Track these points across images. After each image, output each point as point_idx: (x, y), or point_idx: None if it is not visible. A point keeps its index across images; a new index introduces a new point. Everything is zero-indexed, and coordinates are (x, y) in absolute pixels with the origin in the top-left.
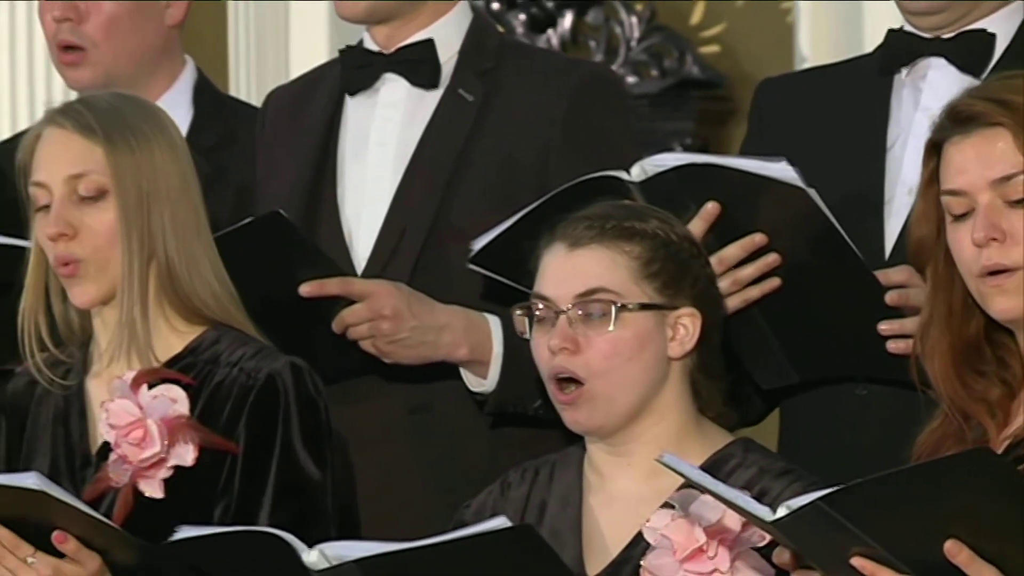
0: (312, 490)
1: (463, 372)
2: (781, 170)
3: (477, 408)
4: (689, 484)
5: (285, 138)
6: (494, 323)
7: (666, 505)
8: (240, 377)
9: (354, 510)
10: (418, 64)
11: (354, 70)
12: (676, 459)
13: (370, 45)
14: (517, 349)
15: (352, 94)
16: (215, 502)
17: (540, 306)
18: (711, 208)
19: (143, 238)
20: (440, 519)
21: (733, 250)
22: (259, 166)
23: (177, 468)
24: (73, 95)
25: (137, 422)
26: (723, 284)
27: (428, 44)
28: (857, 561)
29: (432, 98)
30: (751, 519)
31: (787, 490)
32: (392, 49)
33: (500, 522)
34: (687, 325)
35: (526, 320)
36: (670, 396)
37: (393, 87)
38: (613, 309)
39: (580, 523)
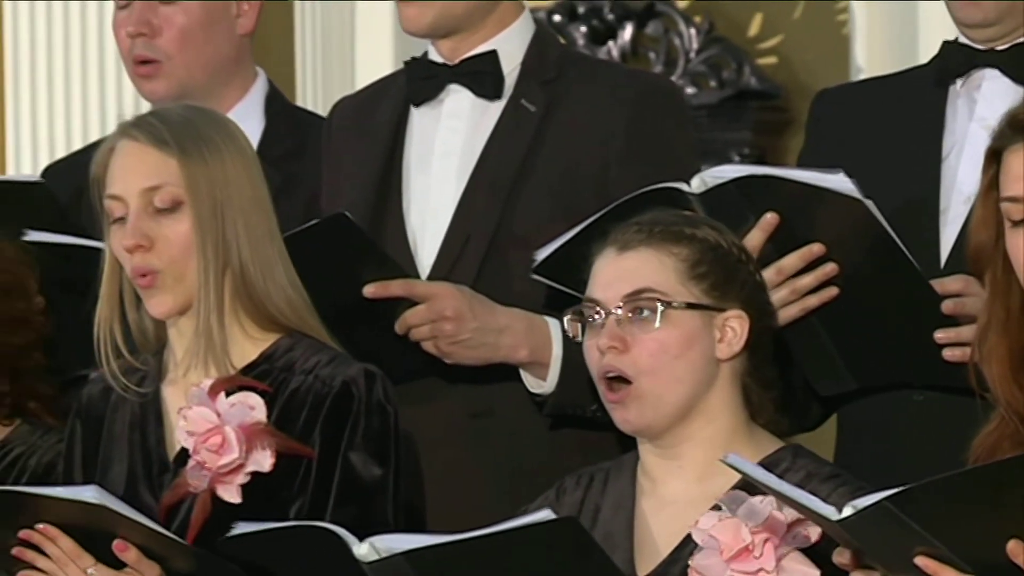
0: (373, 494)
1: (523, 374)
2: (839, 181)
3: (538, 412)
4: (754, 484)
5: (351, 148)
6: (554, 325)
7: (715, 507)
8: (315, 384)
9: (421, 513)
10: (482, 75)
11: (419, 81)
12: (740, 459)
13: (435, 56)
14: (576, 351)
15: (417, 105)
16: (290, 505)
17: (590, 309)
18: (770, 219)
19: (218, 247)
20: (501, 522)
21: (792, 260)
22: (325, 176)
23: (254, 473)
24: (145, 105)
25: (215, 429)
26: (782, 293)
27: (492, 55)
28: (921, 560)
29: (495, 108)
30: (816, 518)
31: (834, 493)
32: (456, 60)
33: (545, 514)
34: (735, 327)
35: (578, 325)
36: (719, 398)
37: (457, 98)
38: (659, 307)
39: (632, 526)
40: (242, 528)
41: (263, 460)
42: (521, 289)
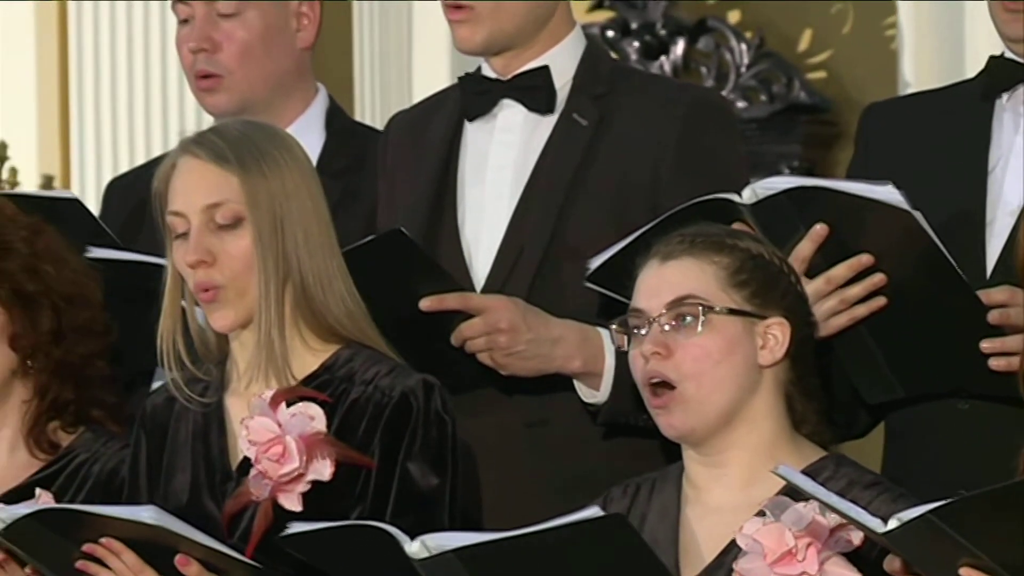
0: (431, 504)
1: (577, 384)
2: (887, 193)
3: (592, 421)
4: (804, 495)
5: (406, 162)
6: (607, 336)
7: (759, 513)
8: (375, 395)
9: (478, 522)
10: (534, 90)
11: (473, 96)
12: (790, 470)
13: (488, 72)
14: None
15: (471, 119)
16: (349, 513)
17: (635, 319)
18: (819, 229)
19: (278, 261)
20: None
21: (841, 270)
22: (381, 189)
23: (314, 482)
24: (207, 119)
25: (276, 439)
26: (831, 303)
27: (544, 71)
28: (966, 571)
29: (548, 123)
30: (864, 530)
31: (875, 500)
32: (509, 76)
33: (593, 511)
34: (776, 335)
35: (624, 335)
36: (762, 405)
37: (510, 112)
38: (701, 313)
39: (677, 533)
40: (298, 528)
41: (323, 469)
42: (574, 300)
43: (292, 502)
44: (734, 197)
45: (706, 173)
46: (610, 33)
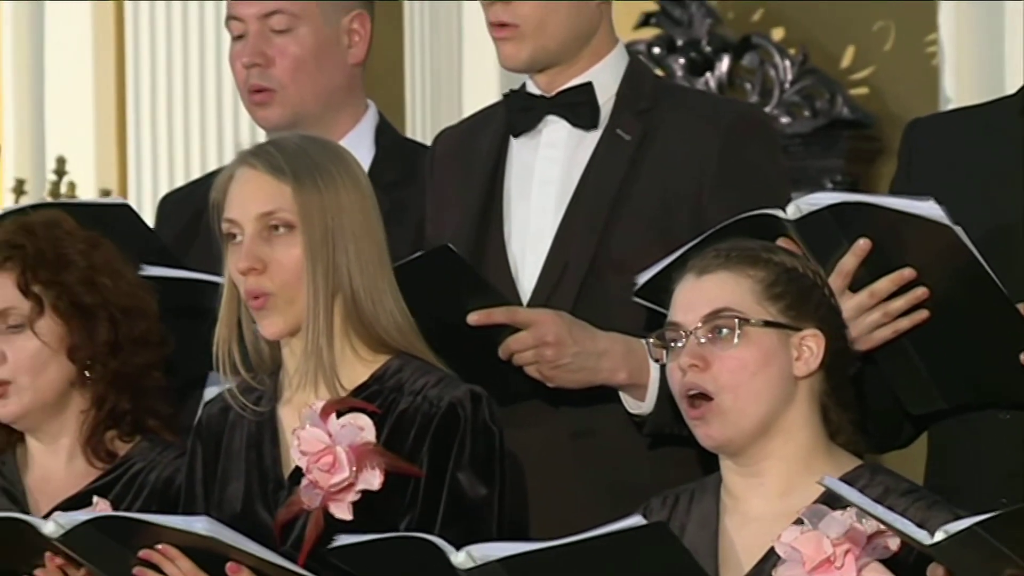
0: (479, 513)
1: (622, 395)
2: (929, 208)
3: (637, 431)
4: (847, 505)
5: (453, 177)
6: None
7: (797, 522)
8: (423, 405)
9: (526, 531)
10: (578, 106)
11: (518, 113)
12: (836, 481)
13: (533, 89)
14: None
15: (516, 135)
16: (399, 522)
17: (672, 333)
18: (863, 244)
19: (328, 272)
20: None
21: (884, 284)
22: (428, 204)
23: (364, 491)
24: (260, 134)
25: (327, 449)
26: (874, 316)
27: (587, 87)
28: None
29: (592, 138)
30: (910, 540)
31: (911, 508)
32: (553, 92)
33: (636, 520)
34: (811, 346)
35: (662, 349)
36: (798, 416)
37: (555, 128)
38: (737, 324)
39: (716, 543)
40: (345, 539)
41: (373, 479)
42: (619, 313)
43: (342, 511)
44: (779, 213)
45: (748, 187)
46: (656, 50)
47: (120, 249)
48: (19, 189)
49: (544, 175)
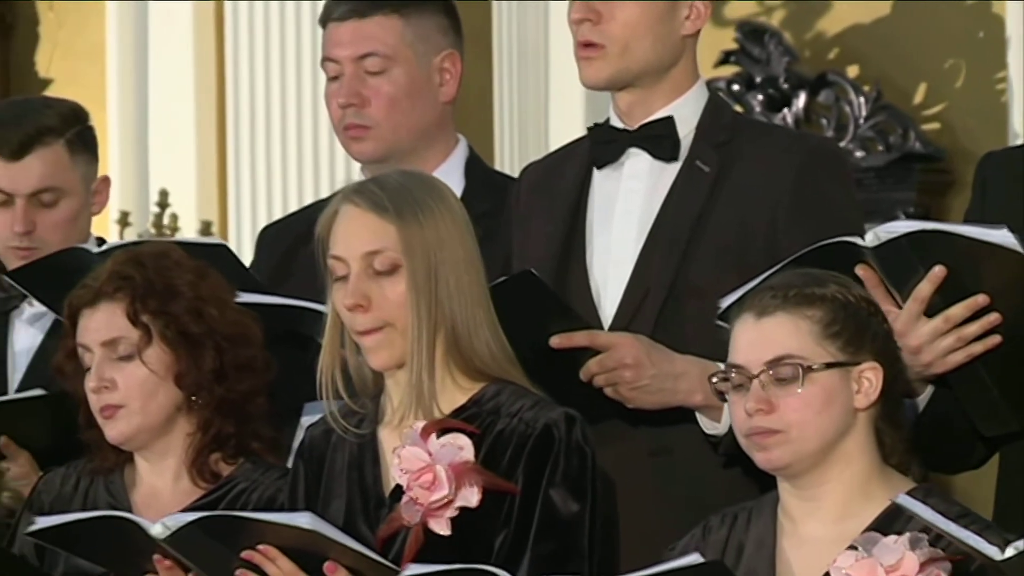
0: (571, 529)
1: (698, 416)
2: (1002, 236)
3: (712, 450)
4: (923, 523)
5: (538, 208)
6: None
7: (851, 547)
8: (520, 426)
9: (615, 546)
10: (659, 139)
11: (602, 145)
12: (910, 500)
13: (616, 122)
14: None
15: (600, 167)
16: (495, 537)
17: (735, 373)
18: (938, 271)
19: (432, 307)
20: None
21: (958, 310)
22: (514, 233)
23: (463, 508)
24: (354, 168)
25: (427, 468)
26: (949, 341)
27: (668, 121)
28: None
29: (672, 170)
30: (979, 556)
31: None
32: (636, 126)
33: (694, 558)
34: (871, 378)
35: (724, 385)
36: (856, 444)
37: (637, 160)
38: (800, 371)
39: (773, 564)
40: (413, 570)
41: (471, 496)
42: (697, 337)
43: (441, 527)
44: (857, 240)
45: (821, 217)
46: (735, 87)
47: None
48: (124, 220)
49: (626, 205)
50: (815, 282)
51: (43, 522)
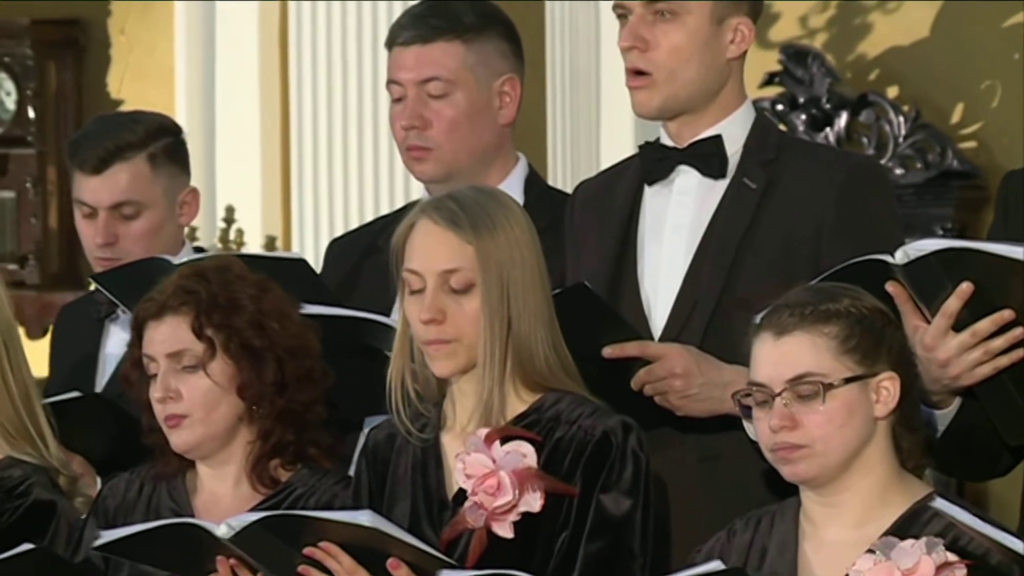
0: (623, 529)
1: (745, 423)
2: None
3: (758, 456)
4: (957, 524)
5: (591, 223)
6: None
7: (869, 551)
8: (579, 433)
9: (667, 546)
10: (708, 157)
11: (652, 163)
12: (946, 502)
13: (666, 141)
14: None
15: (650, 184)
16: (555, 539)
17: (757, 391)
18: (965, 287)
19: (503, 324)
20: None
21: (985, 324)
22: (568, 247)
23: (525, 512)
24: (414, 186)
25: (491, 473)
26: (976, 354)
27: (716, 139)
28: None
29: (720, 186)
30: (1006, 552)
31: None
32: (685, 144)
33: (715, 565)
34: (888, 388)
35: (748, 400)
36: (876, 451)
37: (686, 177)
38: (821, 388)
39: (796, 567)
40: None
41: (534, 501)
42: (744, 347)
43: (504, 530)
44: (887, 258)
45: (863, 232)
46: (780, 107)
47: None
48: (191, 236)
49: (676, 220)
50: (829, 298)
51: (108, 535)
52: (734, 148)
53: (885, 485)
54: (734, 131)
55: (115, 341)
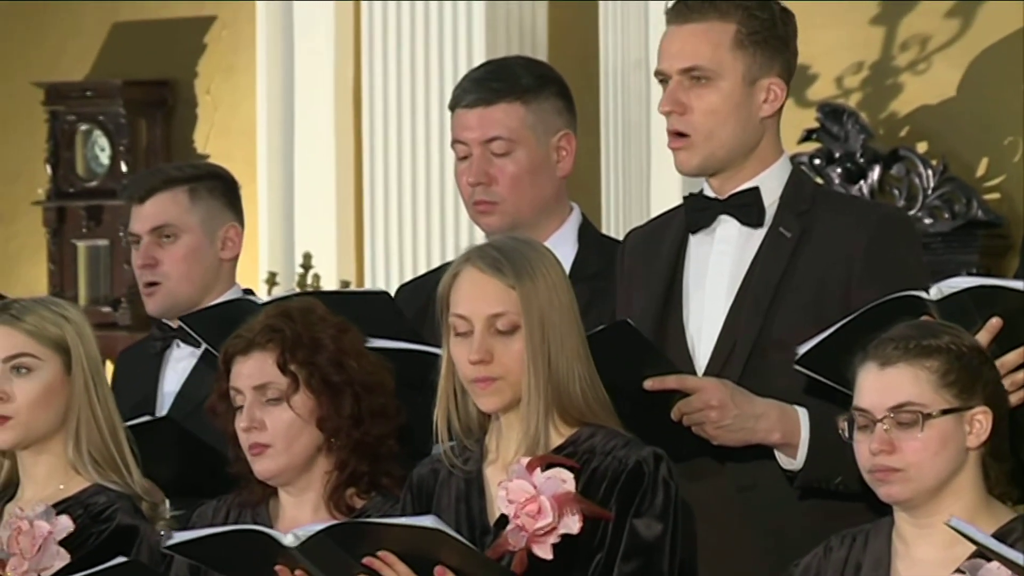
0: (653, 551)
1: (777, 453)
2: None
3: (789, 484)
4: (977, 545)
5: (640, 268)
6: (802, 414)
7: (958, 571)
8: (613, 463)
9: (695, 567)
10: (747, 207)
11: (696, 213)
12: (962, 522)
13: (708, 192)
14: (821, 436)
15: (694, 232)
16: (591, 560)
17: (860, 416)
18: (995, 322)
19: (545, 362)
20: None
21: (1013, 356)
22: (619, 290)
23: (564, 534)
24: (478, 235)
25: (532, 498)
26: (1003, 384)
27: (755, 191)
28: None
29: (758, 235)
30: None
31: None
32: (725, 195)
33: None
34: (981, 421)
35: (850, 425)
36: (966, 479)
37: (727, 227)
38: (920, 417)
39: None
40: (181, 536)
41: (572, 524)
42: (779, 384)
43: (544, 551)
44: (922, 294)
45: (891, 277)
46: (817, 161)
47: (372, 329)
48: (272, 280)
49: (717, 267)
50: (932, 334)
51: (179, 536)
52: (771, 199)
53: (974, 509)
54: (771, 183)
55: (172, 376)
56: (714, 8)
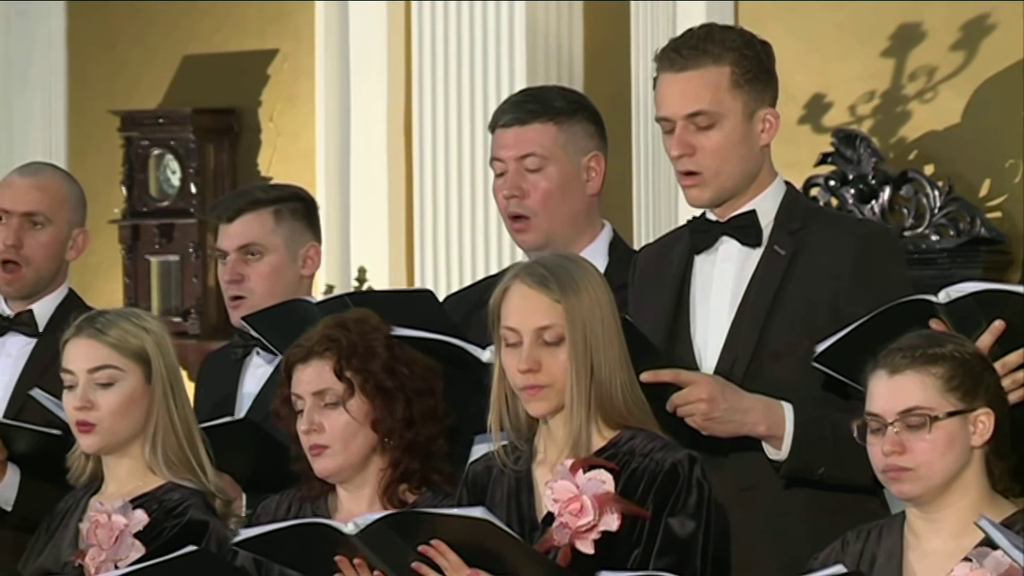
0: (687, 546)
1: (764, 444)
2: None
3: (775, 473)
4: (997, 544)
5: (651, 282)
6: (787, 408)
7: (966, 559)
8: (651, 465)
9: (727, 565)
10: (746, 229)
11: (700, 235)
12: (989, 523)
13: (710, 216)
14: (805, 429)
15: (698, 252)
16: (628, 555)
17: (872, 420)
18: (998, 325)
19: (587, 371)
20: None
21: (1014, 357)
22: (631, 302)
23: (605, 531)
24: (518, 252)
25: (575, 497)
26: (1005, 383)
27: (752, 214)
28: None
29: (756, 254)
30: None
31: None
32: (726, 218)
33: (837, 568)
34: (984, 422)
35: (861, 430)
36: (972, 475)
37: (728, 247)
38: (928, 420)
39: (901, 573)
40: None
41: (611, 522)
42: (774, 388)
43: (586, 546)
44: (931, 297)
45: (876, 288)
46: (832, 183)
47: (418, 326)
48: (329, 292)
49: (720, 284)
50: (937, 343)
51: (246, 533)
52: (767, 220)
53: (979, 503)
54: (766, 205)
55: (250, 380)
56: (707, 54)
